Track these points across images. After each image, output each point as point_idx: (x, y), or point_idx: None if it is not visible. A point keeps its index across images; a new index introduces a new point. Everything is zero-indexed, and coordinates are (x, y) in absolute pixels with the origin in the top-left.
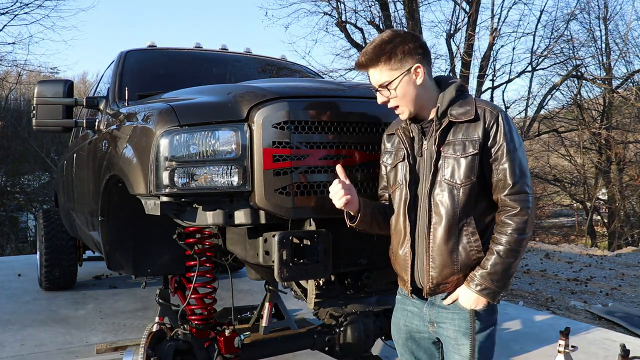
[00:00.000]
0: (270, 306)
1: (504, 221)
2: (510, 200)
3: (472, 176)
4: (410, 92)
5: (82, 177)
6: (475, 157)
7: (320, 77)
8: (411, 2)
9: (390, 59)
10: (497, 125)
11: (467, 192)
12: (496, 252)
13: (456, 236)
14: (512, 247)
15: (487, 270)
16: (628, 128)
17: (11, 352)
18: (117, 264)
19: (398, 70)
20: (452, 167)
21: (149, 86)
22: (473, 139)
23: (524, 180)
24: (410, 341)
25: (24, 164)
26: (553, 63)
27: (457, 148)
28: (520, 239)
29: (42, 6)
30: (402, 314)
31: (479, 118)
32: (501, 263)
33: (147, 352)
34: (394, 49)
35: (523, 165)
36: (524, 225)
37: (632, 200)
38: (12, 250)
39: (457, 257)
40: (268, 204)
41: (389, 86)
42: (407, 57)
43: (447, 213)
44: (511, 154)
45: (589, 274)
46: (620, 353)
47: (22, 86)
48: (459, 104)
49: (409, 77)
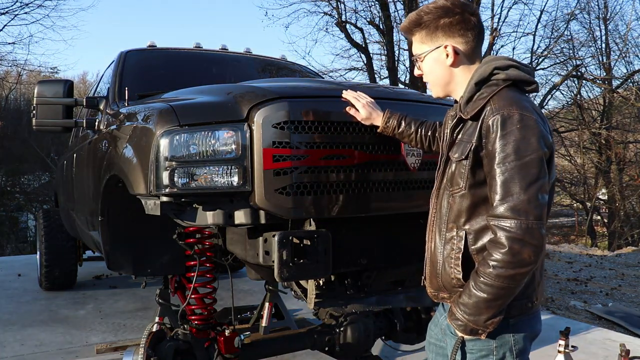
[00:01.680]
0: (270, 306)
1: (487, 248)
2: (491, 224)
3: (461, 184)
4: (436, 71)
5: (82, 177)
6: (463, 162)
7: (320, 77)
8: (411, 2)
9: (423, 30)
10: (493, 129)
11: (458, 202)
12: (472, 282)
13: (443, 248)
14: (486, 280)
15: (461, 301)
16: (628, 128)
17: (11, 352)
18: (117, 264)
19: (427, 44)
20: (451, 170)
21: (149, 86)
22: (469, 142)
23: (514, 201)
24: (432, 346)
25: (24, 164)
26: (553, 63)
27: (456, 149)
28: (497, 273)
29: (42, 6)
30: (434, 317)
31: (479, 118)
32: (474, 296)
33: (147, 352)
34: (430, 21)
35: (519, 183)
36: (503, 259)
37: (632, 200)
38: (12, 250)
39: (442, 270)
40: (268, 204)
41: (417, 60)
42: (440, 33)
43: (441, 220)
44: (502, 167)
45: (589, 274)
46: (621, 353)
47: (22, 86)
48: (480, 97)
49: (438, 55)
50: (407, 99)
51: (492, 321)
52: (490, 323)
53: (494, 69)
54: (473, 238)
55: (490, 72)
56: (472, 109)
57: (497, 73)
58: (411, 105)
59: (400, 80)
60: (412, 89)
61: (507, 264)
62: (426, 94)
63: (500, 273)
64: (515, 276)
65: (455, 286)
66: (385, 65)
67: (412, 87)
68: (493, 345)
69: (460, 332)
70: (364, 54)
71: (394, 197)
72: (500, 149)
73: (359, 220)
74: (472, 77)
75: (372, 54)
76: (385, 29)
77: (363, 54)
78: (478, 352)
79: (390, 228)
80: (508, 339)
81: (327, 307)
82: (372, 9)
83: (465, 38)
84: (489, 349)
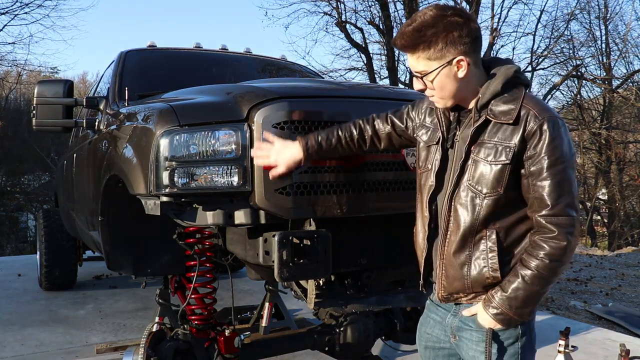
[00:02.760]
0: (270, 306)
1: (537, 243)
2: (546, 222)
3: (499, 188)
4: (449, 85)
5: (82, 177)
6: (506, 166)
7: (320, 77)
8: (411, 2)
9: (430, 48)
10: (541, 134)
11: (492, 204)
12: (521, 276)
13: (471, 249)
14: (541, 273)
15: (506, 294)
16: (628, 128)
17: (11, 352)
18: (117, 264)
19: (437, 61)
20: (479, 172)
21: (149, 86)
22: (508, 146)
23: (567, 201)
24: (430, 350)
25: (24, 164)
26: (553, 63)
27: (488, 152)
28: (552, 266)
29: (42, 6)
30: (425, 320)
31: (520, 122)
32: (524, 289)
33: (147, 352)
34: (434, 37)
35: (568, 183)
36: (561, 252)
37: (632, 200)
38: (12, 250)
39: (469, 271)
40: (268, 204)
41: (425, 77)
42: (449, 48)
43: (465, 222)
44: (553, 169)
45: (589, 274)
46: (621, 353)
47: (22, 86)
48: (503, 100)
49: (449, 70)
50: (407, 99)
51: (532, 313)
52: (531, 314)
53: (515, 72)
54: (503, 235)
55: (512, 75)
56: (504, 112)
57: (518, 77)
58: None
59: (400, 80)
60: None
61: (562, 256)
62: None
63: (554, 266)
64: (564, 268)
65: (489, 285)
66: (385, 65)
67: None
68: (519, 331)
69: (500, 324)
70: (364, 54)
71: (394, 197)
72: (551, 152)
73: (359, 220)
74: (495, 80)
75: (372, 54)
76: (385, 29)
77: (363, 54)
78: (507, 339)
79: (390, 228)
80: (528, 325)
81: (327, 307)
82: (372, 9)
83: (473, 47)
84: (516, 335)
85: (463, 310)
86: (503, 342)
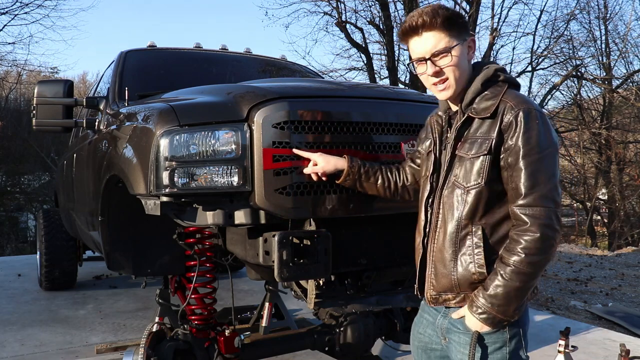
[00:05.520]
0: (270, 306)
1: (513, 237)
2: (520, 213)
3: (479, 179)
4: (463, 65)
5: (82, 177)
6: (485, 157)
7: (320, 77)
8: (411, 2)
9: (450, 24)
10: (516, 124)
11: (475, 197)
12: (500, 273)
13: (457, 245)
14: (519, 269)
15: (488, 292)
16: (628, 128)
17: (11, 352)
18: (117, 264)
19: (456, 38)
20: (464, 167)
21: (149, 86)
22: (487, 138)
23: (542, 191)
24: (421, 351)
25: (24, 164)
26: (553, 63)
27: (470, 146)
28: (530, 260)
29: (42, 6)
30: (419, 320)
31: (497, 115)
32: (504, 286)
33: (147, 352)
34: (453, 16)
35: (545, 174)
36: (536, 245)
37: (632, 200)
38: (12, 250)
39: (455, 268)
40: (268, 204)
41: (443, 55)
42: (462, 28)
43: (452, 217)
44: (527, 159)
45: (589, 274)
46: (621, 353)
47: (22, 86)
48: (486, 97)
49: (464, 49)
50: (407, 99)
51: (519, 310)
52: (516, 312)
53: (496, 70)
54: (490, 232)
55: (493, 73)
56: (485, 108)
57: (499, 75)
58: (411, 105)
59: (400, 80)
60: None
61: (538, 250)
62: (426, 94)
63: (531, 260)
64: (543, 261)
65: (475, 282)
66: (385, 65)
67: (412, 87)
68: (506, 336)
69: (485, 326)
70: (364, 54)
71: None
72: (525, 142)
73: (359, 220)
74: (477, 79)
75: (372, 54)
76: (385, 29)
77: (363, 54)
78: (493, 344)
79: (390, 228)
80: (518, 329)
81: (327, 307)
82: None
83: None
84: (503, 340)
85: (452, 313)
86: (489, 346)
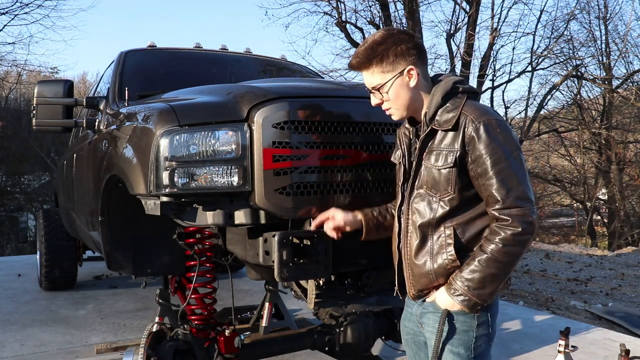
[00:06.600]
0: (270, 306)
1: (494, 229)
2: (500, 214)
3: (449, 189)
4: (403, 95)
5: (82, 177)
6: (452, 170)
7: (320, 77)
8: (411, 2)
9: (382, 62)
10: (478, 137)
11: (447, 204)
12: (477, 260)
13: (429, 246)
14: (496, 257)
15: (465, 276)
16: (628, 128)
17: (11, 352)
18: (117, 264)
19: (390, 73)
20: (431, 177)
21: (149, 86)
22: (451, 151)
23: (516, 194)
24: (411, 342)
25: (24, 164)
26: (553, 63)
27: (436, 157)
28: (505, 250)
29: (42, 6)
30: (405, 314)
31: (459, 128)
32: (480, 271)
33: (147, 352)
34: (385, 51)
35: (515, 178)
36: (515, 238)
37: (632, 200)
38: (12, 250)
39: (432, 266)
40: (268, 204)
41: (380, 89)
42: (399, 59)
43: (422, 223)
44: (497, 168)
45: (589, 274)
46: (621, 353)
47: (22, 86)
48: (447, 109)
49: (402, 80)
50: None
51: (492, 295)
52: (490, 296)
53: (454, 83)
54: (461, 231)
55: (452, 86)
56: (447, 121)
57: (457, 87)
58: None
59: None
60: None
61: (516, 242)
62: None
63: (508, 250)
64: (519, 252)
65: (450, 270)
66: None
67: None
68: (474, 322)
69: (460, 306)
70: None
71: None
72: (491, 153)
73: None
74: (436, 93)
75: None
76: None
77: None
78: (461, 326)
79: None
80: (486, 318)
81: (327, 307)
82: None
83: (420, 59)
84: (471, 324)
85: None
86: (457, 327)
